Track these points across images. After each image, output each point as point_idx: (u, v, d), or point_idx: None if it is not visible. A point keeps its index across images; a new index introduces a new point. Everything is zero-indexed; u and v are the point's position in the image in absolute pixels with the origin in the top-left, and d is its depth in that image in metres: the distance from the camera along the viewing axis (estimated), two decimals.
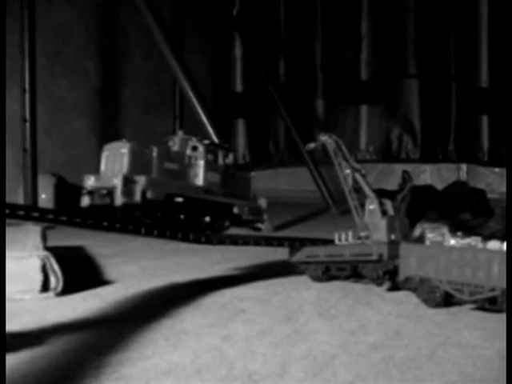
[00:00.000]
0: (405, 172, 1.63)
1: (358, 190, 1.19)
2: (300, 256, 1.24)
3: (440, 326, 0.89)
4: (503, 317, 0.91)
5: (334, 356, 0.75)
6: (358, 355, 0.75)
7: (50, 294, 1.10)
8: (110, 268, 1.42)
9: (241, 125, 3.89)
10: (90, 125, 3.11)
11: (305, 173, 3.16)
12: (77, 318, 0.95)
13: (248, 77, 3.74)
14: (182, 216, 1.10)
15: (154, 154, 1.07)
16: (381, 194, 1.93)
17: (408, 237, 1.10)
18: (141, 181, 1.01)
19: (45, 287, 1.10)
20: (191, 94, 2.26)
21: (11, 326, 0.89)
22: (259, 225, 1.27)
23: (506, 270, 0.85)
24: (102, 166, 1.06)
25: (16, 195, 2.33)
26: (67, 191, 2.56)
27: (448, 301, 0.98)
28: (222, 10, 3.51)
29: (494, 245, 0.93)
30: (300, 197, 3.57)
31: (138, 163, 1.04)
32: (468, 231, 1.59)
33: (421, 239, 1.06)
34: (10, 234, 1.29)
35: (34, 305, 1.04)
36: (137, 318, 0.95)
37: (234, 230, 1.26)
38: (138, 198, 1.01)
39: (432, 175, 3.51)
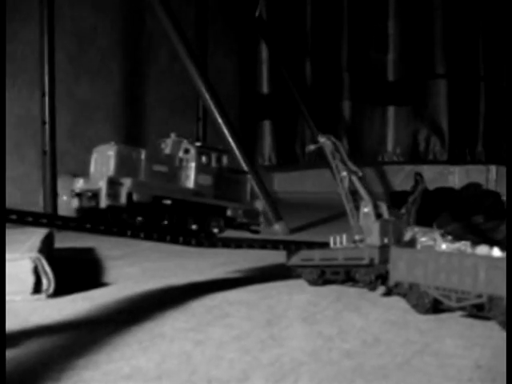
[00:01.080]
0: (417, 174, 1.60)
1: (354, 192, 1.17)
2: (296, 259, 1.22)
3: (423, 333, 0.86)
4: (492, 324, 0.88)
5: (301, 363, 0.73)
6: (327, 363, 0.73)
7: (42, 295, 1.10)
8: (112, 270, 1.42)
9: (267, 126, 3.88)
10: (114, 127, 3.13)
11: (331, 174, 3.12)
12: (59, 321, 0.95)
13: (274, 78, 3.72)
14: (170, 218, 1.09)
15: (142, 156, 1.06)
16: (401, 196, 1.90)
17: (401, 241, 1.07)
18: (126, 183, 1.01)
19: (37, 289, 1.10)
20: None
21: None
22: (256, 227, 1.25)
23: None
24: (91, 169, 1.06)
25: (38, 197, 2.36)
26: None
27: (438, 307, 0.95)
28: (248, 12, 3.49)
29: (482, 250, 0.90)
30: (325, 199, 3.53)
31: (125, 165, 1.03)
32: (480, 234, 1.55)
33: (412, 243, 1.03)
34: (13, 235, 1.30)
35: (22, 306, 1.04)
36: (119, 321, 0.94)
37: (232, 233, 1.24)
38: (123, 200, 1.00)
39: (460, 177, 3.46)
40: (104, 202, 0.98)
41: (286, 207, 2.82)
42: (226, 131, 2.22)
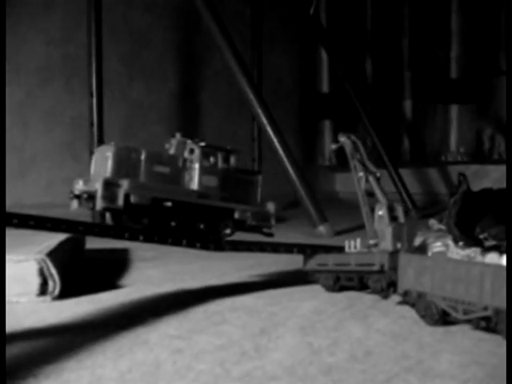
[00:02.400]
0: (460, 174, 1.51)
1: (371, 194, 1.10)
2: (312, 264, 1.17)
3: (422, 347, 0.79)
4: (502, 340, 0.80)
5: (272, 378, 0.68)
6: (302, 379, 0.68)
7: (47, 297, 1.09)
8: (135, 272, 1.40)
9: (327, 126, 3.81)
10: (168, 128, 3.13)
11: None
12: (51, 324, 0.93)
13: (334, 77, 3.65)
14: (172, 221, 1.05)
15: (143, 157, 1.03)
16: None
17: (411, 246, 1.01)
18: (124, 184, 0.97)
19: (43, 291, 1.09)
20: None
21: None
22: (268, 230, 1.20)
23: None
24: (92, 170, 1.03)
25: None
26: None
27: (447, 319, 0.88)
28: (305, 10, 3.43)
29: (492, 257, 0.83)
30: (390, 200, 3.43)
31: (124, 166, 1.00)
32: None
33: (424, 249, 0.96)
34: (31, 236, 1.29)
35: (23, 308, 1.03)
36: (110, 326, 0.91)
37: (244, 236, 1.19)
38: (120, 202, 0.97)
39: None
40: (99, 205, 0.95)
41: (345, 208, 2.75)
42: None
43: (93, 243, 1.51)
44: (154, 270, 1.42)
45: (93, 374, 0.69)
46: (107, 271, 1.43)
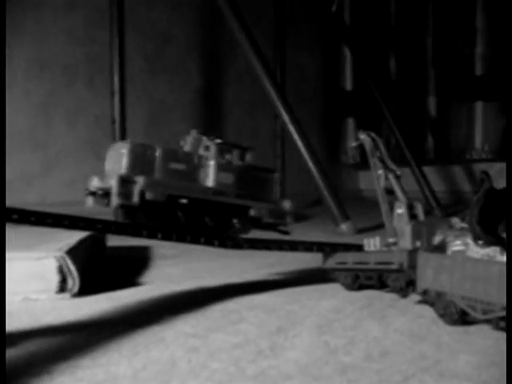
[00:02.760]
0: (483, 172, 1.49)
1: (391, 192, 1.09)
2: (331, 262, 1.16)
3: (440, 347, 0.78)
4: None
5: (287, 377, 0.67)
6: (316, 378, 0.67)
7: (67, 294, 1.09)
8: (155, 270, 1.41)
9: (351, 124, 3.79)
10: (190, 126, 3.12)
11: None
12: (70, 322, 0.93)
13: (358, 75, 3.63)
14: (187, 218, 1.05)
15: (158, 154, 1.03)
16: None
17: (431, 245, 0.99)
18: (139, 181, 0.98)
19: (63, 288, 1.10)
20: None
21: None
22: (284, 228, 1.19)
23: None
24: (106, 167, 1.04)
25: None
26: None
27: (466, 318, 0.87)
28: (328, 8, 3.42)
29: None
30: (411, 198, 3.42)
31: (139, 163, 1.00)
32: None
33: (443, 248, 0.95)
34: (53, 232, 1.30)
35: (42, 306, 1.03)
36: (127, 324, 0.91)
37: (262, 234, 1.19)
38: (136, 199, 0.97)
39: None
40: (115, 201, 0.96)
41: (369, 206, 2.73)
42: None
43: (115, 241, 1.51)
44: (173, 268, 1.42)
45: (107, 371, 0.70)
46: (127, 269, 1.44)
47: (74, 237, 1.30)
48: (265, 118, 3.28)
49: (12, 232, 1.39)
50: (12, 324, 0.90)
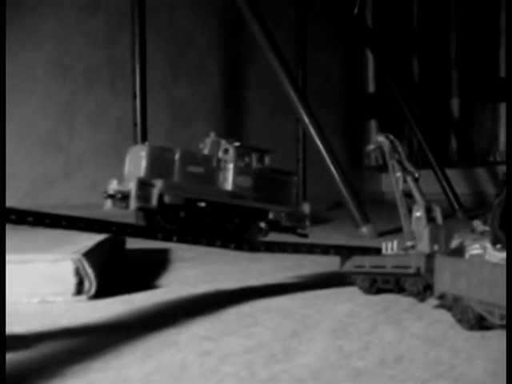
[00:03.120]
0: (505, 174, 1.47)
1: (410, 195, 1.08)
2: (349, 265, 1.15)
3: (457, 352, 0.77)
4: None
5: (299, 382, 0.66)
6: (329, 383, 0.66)
7: (83, 297, 1.10)
8: (173, 272, 1.41)
9: (373, 126, 3.77)
10: (212, 128, 3.12)
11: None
12: (85, 324, 0.94)
13: (380, 77, 3.61)
14: (205, 221, 1.05)
15: (177, 157, 1.02)
16: None
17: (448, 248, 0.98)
18: (158, 184, 0.97)
19: (80, 290, 1.10)
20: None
21: (18, 327, 0.90)
22: (303, 231, 1.18)
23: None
24: (125, 170, 1.04)
25: None
26: None
27: (484, 323, 0.85)
28: (350, 11, 3.40)
29: None
30: (435, 200, 3.38)
31: (158, 166, 1.00)
32: None
33: (461, 252, 0.93)
34: (72, 234, 1.31)
35: (58, 308, 1.03)
36: (142, 327, 0.91)
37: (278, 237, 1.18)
38: (154, 202, 0.97)
39: None
40: (133, 204, 0.95)
41: (391, 208, 2.71)
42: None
43: (134, 243, 1.51)
44: (191, 271, 1.42)
45: (118, 374, 0.69)
46: (145, 271, 1.44)
47: (93, 239, 1.30)
48: (287, 120, 3.27)
49: (30, 234, 1.40)
50: (27, 326, 0.91)
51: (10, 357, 0.75)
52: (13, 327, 0.90)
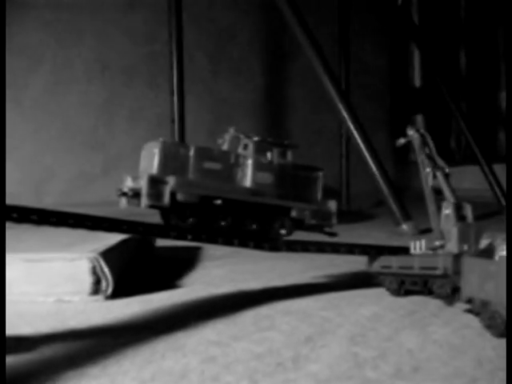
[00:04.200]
0: None
1: (439, 191, 1.02)
2: (376, 266, 1.09)
3: (480, 363, 0.71)
4: None
5: None
6: None
7: (100, 296, 1.07)
8: (199, 271, 1.38)
9: (420, 121, 3.67)
10: (254, 124, 3.10)
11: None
12: (95, 326, 0.91)
13: (427, 71, 3.51)
14: (223, 220, 1.00)
15: (191, 153, 0.98)
16: None
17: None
18: (170, 182, 0.93)
19: (96, 290, 1.07)
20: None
21: (26, 328, 0.87)
22: (330, 230, 1.13)
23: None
24: (140, 166, 1.00)
25: None
26: None
27: None
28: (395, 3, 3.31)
29: None
30: (483, 196, 3.26)
31: (171, 163, 0.96)
32: None
33: (490, 252, 0.86)
34: (96, 234, 1.28)
35: (70, 308, 1.01)
36: (151, 329, 0.87)
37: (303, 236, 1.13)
38: (166, 200, 0.93)
39: None
40: (144, 202, 0.92)
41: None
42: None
43: (165, 241, 1.49)
44: (219, 270, 1.38)
45: (112, 382, 0.66)
46: (172, 270, 1.40)
47: (116, 238, 1.28)
48: (330, 117, 3.20)
49: (53, 232, 1.38)
50: (35, 327, 0.88)
51: (9, 359, 0.73)
52: (21, 328, 0.87)
